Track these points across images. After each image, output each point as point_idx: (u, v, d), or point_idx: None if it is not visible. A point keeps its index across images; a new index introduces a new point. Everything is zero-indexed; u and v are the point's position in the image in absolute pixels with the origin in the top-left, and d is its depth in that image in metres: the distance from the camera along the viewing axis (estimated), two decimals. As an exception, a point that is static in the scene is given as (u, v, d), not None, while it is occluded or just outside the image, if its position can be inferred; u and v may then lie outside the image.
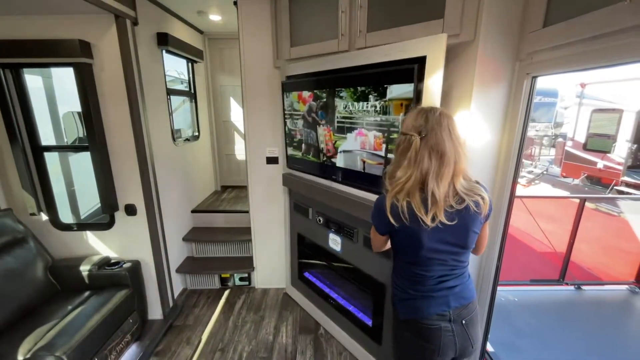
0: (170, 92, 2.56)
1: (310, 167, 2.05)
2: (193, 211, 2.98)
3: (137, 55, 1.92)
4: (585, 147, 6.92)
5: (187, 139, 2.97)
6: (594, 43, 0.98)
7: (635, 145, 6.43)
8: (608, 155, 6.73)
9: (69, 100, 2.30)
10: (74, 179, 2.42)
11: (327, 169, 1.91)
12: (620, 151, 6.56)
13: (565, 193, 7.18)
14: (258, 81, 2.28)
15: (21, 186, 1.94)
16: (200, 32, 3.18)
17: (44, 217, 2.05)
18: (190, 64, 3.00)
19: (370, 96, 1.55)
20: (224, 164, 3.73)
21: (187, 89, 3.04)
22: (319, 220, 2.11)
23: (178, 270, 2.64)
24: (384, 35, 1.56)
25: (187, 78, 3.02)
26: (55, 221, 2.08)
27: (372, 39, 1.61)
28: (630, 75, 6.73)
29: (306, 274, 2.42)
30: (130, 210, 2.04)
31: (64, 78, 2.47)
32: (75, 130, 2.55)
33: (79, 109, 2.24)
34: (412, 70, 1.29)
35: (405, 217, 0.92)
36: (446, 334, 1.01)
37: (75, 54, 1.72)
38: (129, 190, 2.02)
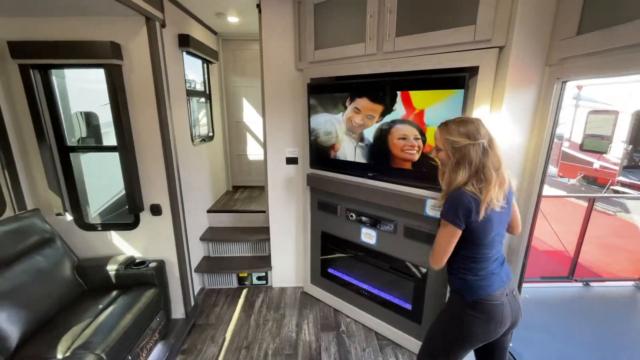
0: (189, 92, 2.58)
1: (342, 166, 2.10)
2: (209, 211, 3.00)
3: (165, 57, 1.94)
4: (581, 148, 7.09)
5: (203, 139, 2.99)
6: (627, 51, 1.05)
7: (631, 146, 6.61)
8: (604, 155, 6.91)
9: (82, 100, 2.33)
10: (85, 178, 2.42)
11: (366, 167, 1.97)
12: (616, 152, 6.74)
13: (563, 192, 7.35)
14: (279, 83, 2.31)
15: (48, 186, 1.94)
16: (215, 33, 3.20)
17: (69, 217, 2.06)
18: (205, 65, 3.02)
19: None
20: (235, 164, 3.75)
21: (203, 90, 3.06)
22: (350, 217, 2.16)
23: (196, 270, 2.66)
24: (413, 40, 1.61)
25: (202, 79, 3.04)
26: (79, 221, 2.09)
27: (401, 44, 1.66)
28: (625, 78, 6.91)
29: (331, 270, 2.46)
30: (156, 210, 2.06)
31: (75, 78, 2.49)
32: (78, 130, 2.56)
33: (88, 109, 2.28)
34: (464, 78, 1.43)
35: (485, 208, 1.05)
36: (506, 306, 1.15)
37: (107, 55, 1.74)
38: (155, 190, 2.04)
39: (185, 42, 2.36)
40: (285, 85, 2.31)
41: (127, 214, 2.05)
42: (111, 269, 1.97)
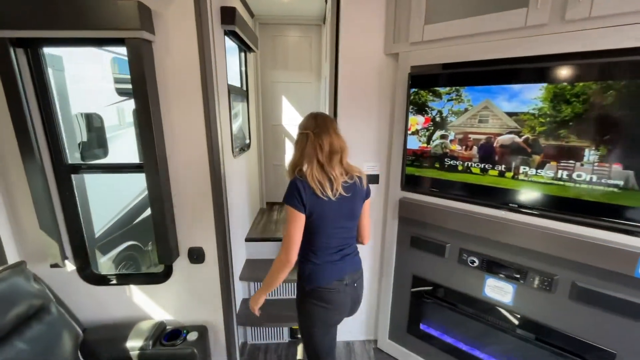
0: (231, 89, 1.94)
1: (464, 190, 1.48)
2: (248, 239, 2.36)
3: (214, 36, 1.31)
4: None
5: (242, 149, 2.35)
6: None
7: None
8: None
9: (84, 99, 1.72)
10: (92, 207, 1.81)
11: (510, 195, 1.34)
12: None
13: None
14: (359, 74, 1.68)
15: (39, 225, 1.30)
16: (252, 14, 2.56)
17: (70, 266, 1.42)
18: (244, 54, 2.39)
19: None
20: (270, 176, 3.12)
21: (240, 86, 2.43)
22: (470, 262, 1.52)
23: (238, 322, 2.01)
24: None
25: (239, 72, 2.40)
26: (85, 271, 1.45)
27: (604, 5, 1.03)
28: None
29: (425, 327, 1.82)
30: (197, 256, 1.42)
31: (78, 71, 1.88)
32: (77, 135, 1.95)
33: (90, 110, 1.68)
34: None
35: (318, 194, 1.07)
36: (342, 294, 1.19)
37: (131, 23, 1.10)
38: (197, 227, 1.40)
39: (229, 17, 1.72)
40: (367, 77, 1.68)
41: (154, 264, 1.41)
42: (133, 346, 1.33)
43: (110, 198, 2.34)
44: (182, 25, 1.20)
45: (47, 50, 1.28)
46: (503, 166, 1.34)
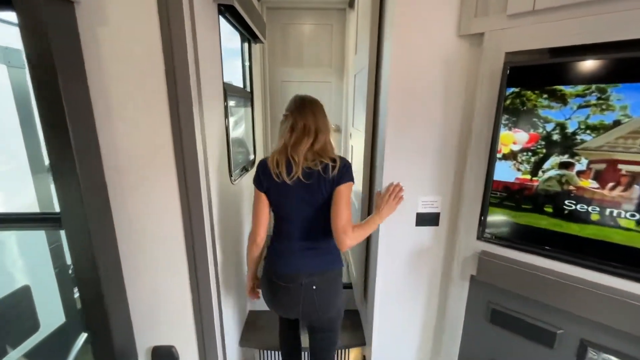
0: (228, 90, 1.40)
1: (598, 252, 0.91)
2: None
3: (195, 8, 0.77)
4: None
5: (244, 168, 1.80)
6: None
7: None
8: None
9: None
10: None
11: None
12: None
13: None
14: (414, 68, 1.11)
15: None
16: (258, -3, 2.03)
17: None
18: (247, 44, 1.84)
19: None
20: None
21: (242, 86, 1.88)
22: None
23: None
24: None
25: (242, 67, 1.85)
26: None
27: None
28: None
29: None
30: None
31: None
32: None
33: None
34: None
35: (274, 176, 1.04)
36: (292, 293, 1.11)
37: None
38: (165, 313, 0.85)
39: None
40: (427, 72, 1.12)
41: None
42: None
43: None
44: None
45: None
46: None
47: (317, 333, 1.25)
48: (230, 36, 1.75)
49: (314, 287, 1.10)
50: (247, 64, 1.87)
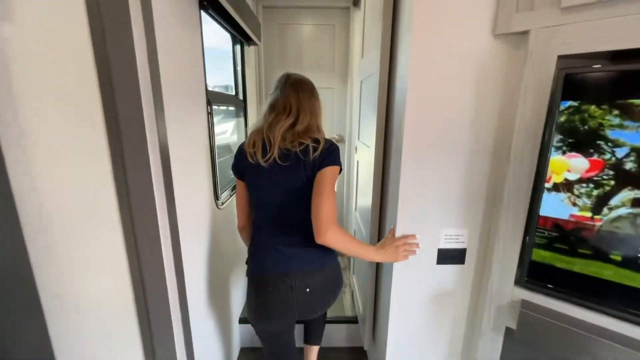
0: (211, 98, 1.19)
1: None
2: (242, 321, 1.59)
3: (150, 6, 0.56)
4: None
5: (234, 188, 1.58)
6: None
7: None
8: None
9: None
10: None
11: None
12: None
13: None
14: (437, 75, 0.91)
15: None
16: (252, -6, 1.83)
17: None
18: (240, 46, 1.64)
19: None
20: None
21: (234, 93, 1.67)
22: None
23: None
24: None
25: (233, 72, 1.65)
26: None
27: None
28: None
29: None
30: None
31: None
32: None
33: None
34: None
35: (249, 158, 0.95)
36: (283, 296, 0.96)
37: None
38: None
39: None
40: (459, 80, 0.91)
41: None
42: None
43: None
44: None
45: None
46: None
47: (312, 322, 1.28)
48: (223, 38, 1.54)
49: (308, 290, 0.97)
50: (239, 68, 1.66)
